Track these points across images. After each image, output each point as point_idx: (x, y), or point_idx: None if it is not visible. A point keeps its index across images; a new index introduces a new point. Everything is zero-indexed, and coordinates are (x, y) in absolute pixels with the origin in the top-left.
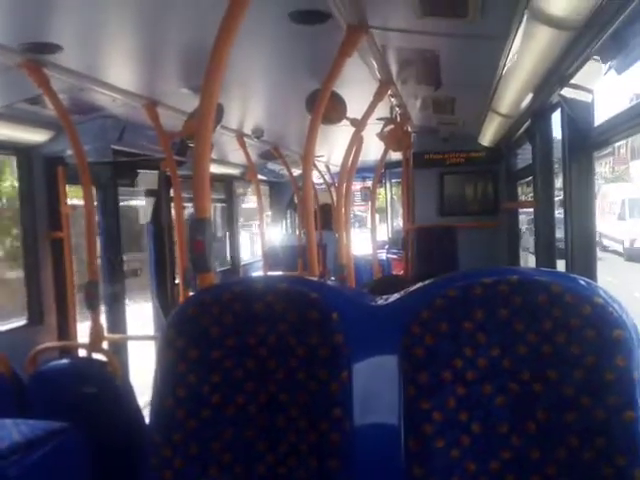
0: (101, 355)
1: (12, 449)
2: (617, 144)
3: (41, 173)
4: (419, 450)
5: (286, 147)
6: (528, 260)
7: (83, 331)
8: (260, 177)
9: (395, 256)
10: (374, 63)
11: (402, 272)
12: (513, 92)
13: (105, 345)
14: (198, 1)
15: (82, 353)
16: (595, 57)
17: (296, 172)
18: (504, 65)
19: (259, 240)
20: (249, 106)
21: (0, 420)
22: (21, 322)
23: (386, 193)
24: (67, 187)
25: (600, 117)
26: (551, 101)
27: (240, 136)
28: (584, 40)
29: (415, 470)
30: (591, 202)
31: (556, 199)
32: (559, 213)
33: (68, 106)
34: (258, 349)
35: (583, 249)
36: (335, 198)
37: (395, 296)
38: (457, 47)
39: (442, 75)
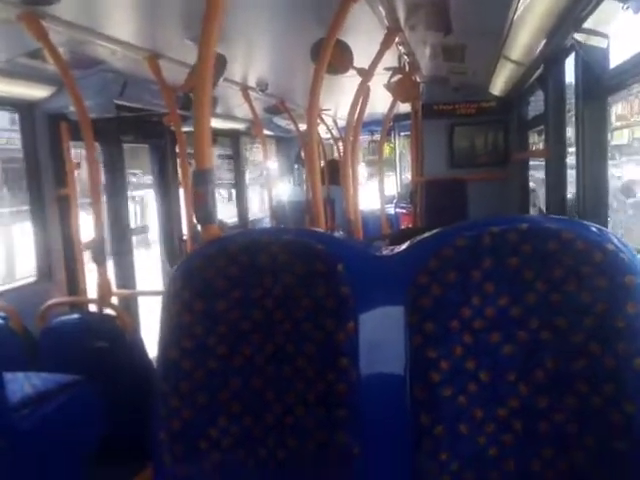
0: (111, 310)
1: (24, 402)
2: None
3: (44, 130)
4: (426, 398)
5: (292, 100)
6: None
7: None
8: (266, 132)
9: (404, 210)
10: (381, 9)
11: (411, 225)
12: (525, 37)
13: (115, 300)
14: None
15: (92, 308)
16: None
17: (303, 126)
18: (516, 9)
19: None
20: (253, 57)
21: (12, 374)
22: (30, 279)
23: (395, 146)
24: (72, 143)
25: (615, 61)
26: (565, 45)
27: (245, 89)
28: None
29: (422, 418)
30: (604, 148)
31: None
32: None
33: (68, 60)
34: (264, 301)
35: (595, 196)
36: (342, 152)
37: (402, 247)
38: None
39: (452, 20)
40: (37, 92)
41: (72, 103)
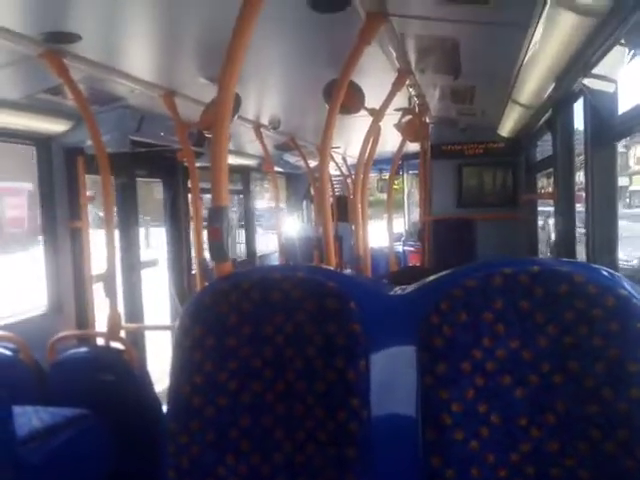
0: (119, 344)
1: (32, 435)
2: None
3: (61, 163)
4: (437, 440)
5: (303, 138)
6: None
7: (100, 320)
8: (276, 169)
9: (412, 248)
10: (392, 52)
11: (419, 264)
12: (534, 81)
13: (122, 334)
14: None
15: (100, 342)
16: (620, 44)
17: (312, 163)
18: (525, 53)
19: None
20: (266, 96)
21: (21, 407)
22: (40, 311)
23: (403, 184)
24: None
25: (624, 106)
26: (573, 90)
27: (257, 127)
28: (608, 27)
29: (433, 460)
30: (614, 193)
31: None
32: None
33: (87, 96)
34: (275, 337)
35: (605, 241)
36: (352, 189)
37: (413, 286)
38: (477, 35)
39: (462, 64)
40: (55, 126)
41: (90, 137)
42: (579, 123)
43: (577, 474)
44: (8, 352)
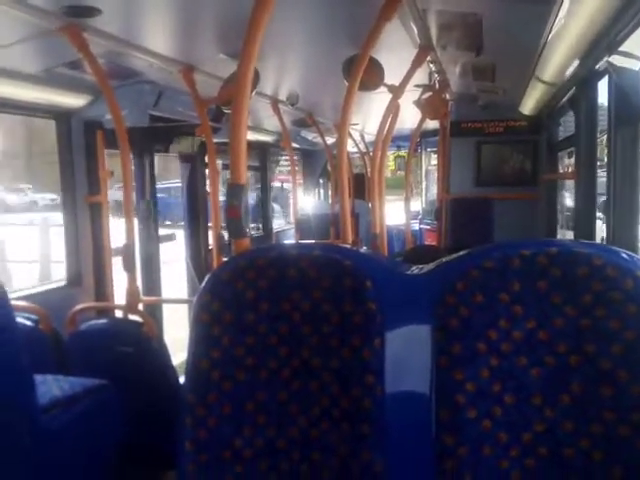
0: (137, 316)
1: (53, 403)
2: None
3: (80, 137)
4: (450, 419)
5: (321, 114)
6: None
7: (118, 293)
8: (293, 145)
9: (428, 227)
10: (414, 27)
11: (435, 243)
12: (558, 59)
13: (140, 307)
14: None
15: (119, 314)
16: None
17: (330, 140)
18: (550, 30)
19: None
20: (285, 72)
21: (42, 376)
22: (61, 283)
23: (421, 162)
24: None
25: None
26: (598, 68)
27: (275, 103)
28: (635, 5)
29: (446, 439)
30: (636, 173)
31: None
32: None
33: (106, 70)
34: (292, 314)
35: (626, 222)
36: (369, 167)
37: (430, 266)
38: (501, 10)
39: (484, 40)
40: (74, 101)
41: (109, 112)
42: (603, 100)
43: (590, 455)
44: (29, 322)
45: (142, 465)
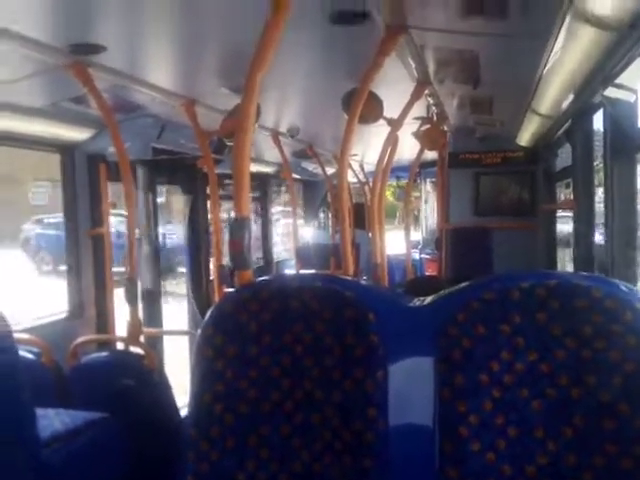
0: (138, 348)
1: (54, 437)
2: None
3: (83, 170)
4: (454, 452)
5: (321, 146)
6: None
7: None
8: (294, 176)
9: (428, 256)
10: (412, 63)
11: (435, 272)
12: (554, 92)
13: (142, 339)
14: (239, 3)
15: (120, 346)
16: None
17: (330, 170)
18: (545, 65)
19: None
20: (285, 105)
21: (43, 410)
22: (62, 315)
23: (421, 192)
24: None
25: None
26: (593, 101)
27: (276, 135)
28: (629, 40)
29: (450, 472)
30: (634, 204)
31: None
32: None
33: (110, 105)
34: (294, 347)
35: (624, 253)
36: (369, 197)
37: (431, 298)
38: (497, 46)
39: (481, 74)
40: (78, 134)
41: (112, 145)
42: (598, 133)
43: None
44: (31, 355)
45: None
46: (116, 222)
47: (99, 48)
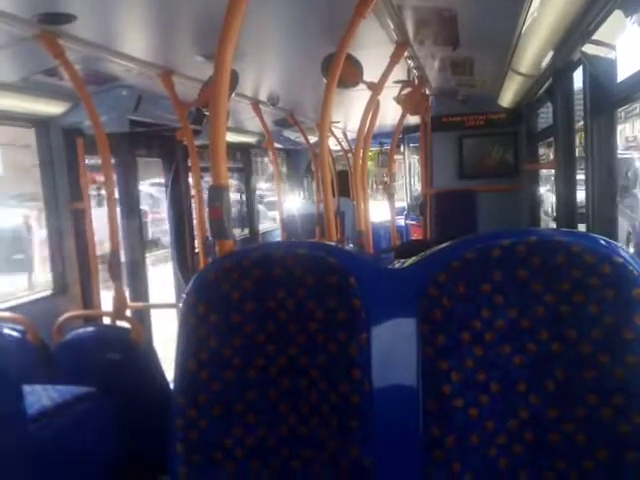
0: (125, 322)
1: (42, 413)
2: None
3: (60, 144)
4: (437, 410)
5: (302, 114)
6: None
7: (105, 300)
8: (276, 145)
9: (414, 222)
10: (390, 24)
11: (421, 238)
12: (533, 50)
13: (128, 313)
14: None
15: (106, 321)
16: (617, 11)
17: (312, 139)
18: (523, 22)
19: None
20: (264, 72)
21: (30, 386)
22: (46, 292)
23: (404, 158)
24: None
25: (623, 74)
26: (572, 58)
27: (255, 103)
28: None
29: (434, 429)
30: (613, 161)
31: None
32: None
33: (84, 77)
34: (278, 313)
35: (604, 209)
36: (352, 164)
37: (412, 260)
38: (476, 5)
39: (460, 35)
40: (53, 108)
41: (88, 118)
42: (579, 91)
43: (575, 439)
44: (16, 333)
45: (135, 471)
46: None
47: (69, 17)
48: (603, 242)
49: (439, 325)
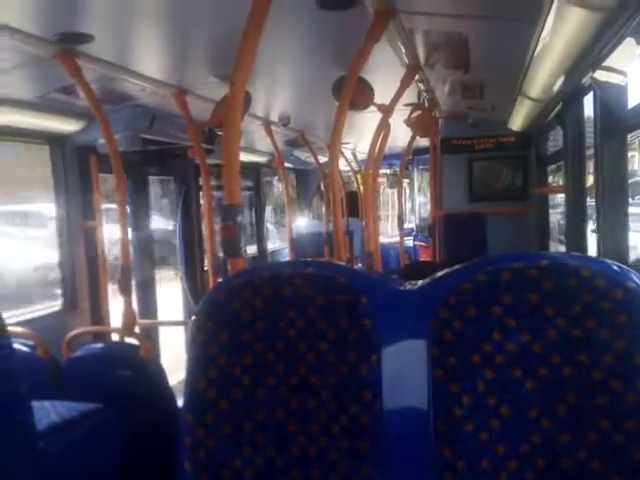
0: (133, 339)
1: (51, 429)
2: None
3: (73, 162)
4: (448, 433)
5: (313, 134)
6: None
7: (113, 316)
8: (286, 165)
9: (423, 243)
10: (402, 47)
11: (429, 259)
12: (544, 75)
13: (137, 330)
14: None
15: (115, 337)
16: (629, 38)
17: (322, 159)
18: (535, 48)
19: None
20: (276, 93)
21: (40, 402)
22: (55, 308)
23: (413, 180)
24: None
25: (634, 100)
26: (583, 84)
27: (267, 124)
28: (618, 21)
29: (444, 452)
30: (624, 185)
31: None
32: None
33: (99, 95)
34: (288, 332)
35: (615, 234)
36: (362, 185)
37: (423, 281)
38: (486, 29)
39: (471, 58)
40: (68, 126)
41: (102, 136)
42: (590, 114)
43: (588, 465)
44: (26, 348)
45: None
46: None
47: (87, 37)
48: (615, 267)
49: (450, 347)
